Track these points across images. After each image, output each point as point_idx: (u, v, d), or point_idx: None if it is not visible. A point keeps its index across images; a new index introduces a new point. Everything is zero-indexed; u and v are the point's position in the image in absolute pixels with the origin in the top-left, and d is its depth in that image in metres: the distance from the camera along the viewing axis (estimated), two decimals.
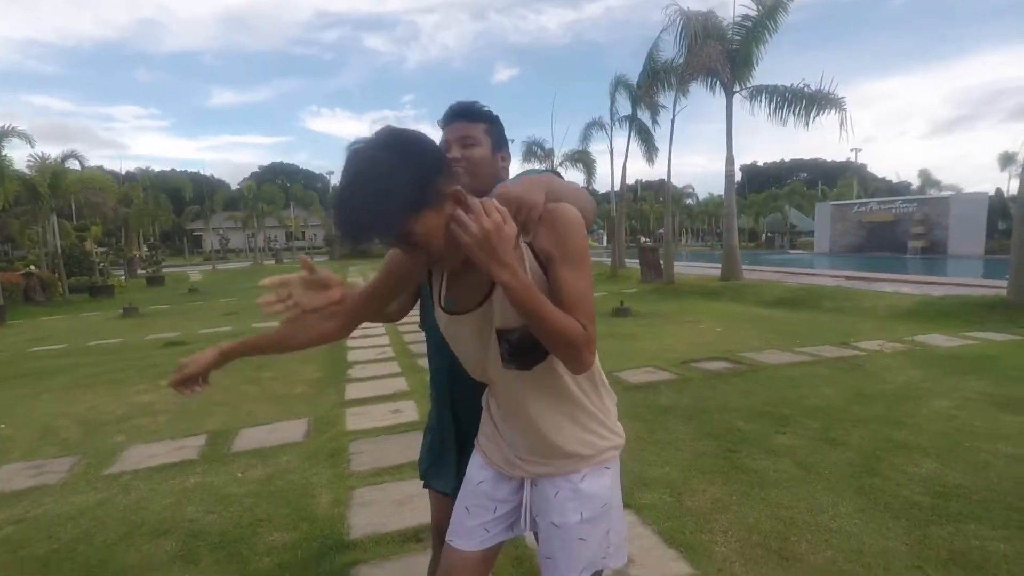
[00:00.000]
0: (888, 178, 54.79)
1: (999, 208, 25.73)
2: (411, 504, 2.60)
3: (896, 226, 24.83)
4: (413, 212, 0.89)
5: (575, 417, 1.10)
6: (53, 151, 18.96)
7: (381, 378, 5.08)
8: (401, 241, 0.93)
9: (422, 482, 1.52)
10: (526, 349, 1.01)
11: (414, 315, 1.54)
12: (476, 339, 1.07)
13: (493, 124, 1.37)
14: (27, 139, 15.39)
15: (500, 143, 1.38)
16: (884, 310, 8.15)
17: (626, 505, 2.46)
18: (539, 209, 0.99)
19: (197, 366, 1.23)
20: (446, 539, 1.22)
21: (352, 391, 4.68)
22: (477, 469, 1.22)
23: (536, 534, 1.18)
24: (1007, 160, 35.45)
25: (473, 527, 1.17)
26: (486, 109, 1.38)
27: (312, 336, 1.20)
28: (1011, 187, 33.21)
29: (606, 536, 1.13)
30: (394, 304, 1.34)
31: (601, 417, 1.14)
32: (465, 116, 1.36)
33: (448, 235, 0.93)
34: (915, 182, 44.75)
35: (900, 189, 46.44)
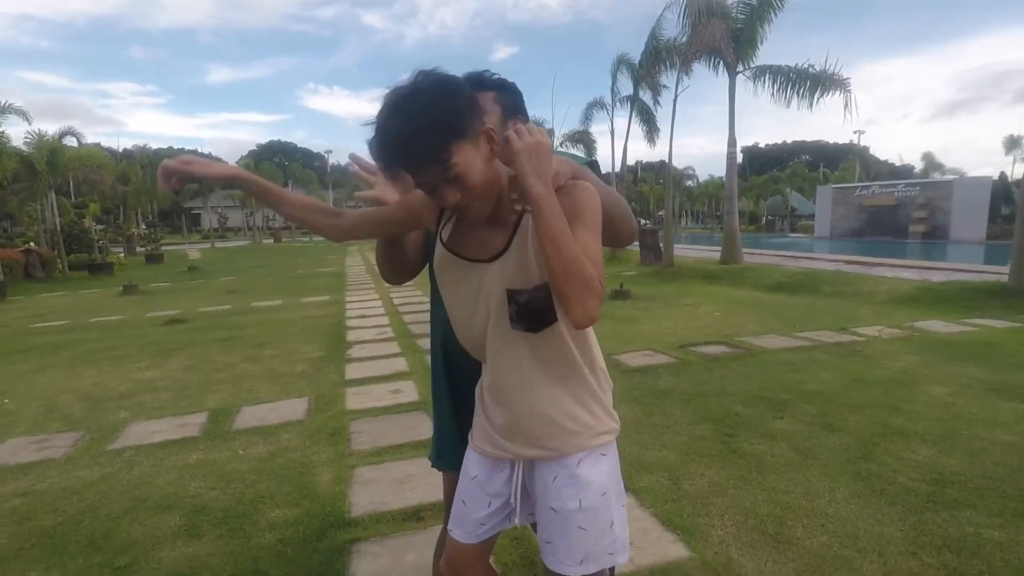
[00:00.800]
0: (891, 161, 54.52)
1: (1002, 192, 25.59)
2: (410, 483, 2.63)
3: (898, 210, 24.72)
4: (455, 140, 0.92)
5: (573, 390, 1.08)
6: (50, 128, 18.81)
7: (381, 358, 5.10)
8: (441, 171, 0.93)
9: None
10: (535, 310, 1.01)
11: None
12: (472, 296, 1.07)
13: (503, 91, 1.34)
14: (24, 116, 15.23)
15: (513, 110, 1.34)
16: (883, 295, 8.16)
17: (624, 488, 2.51)
18: (560, 178, 1.00)
19: (204, 170, 1.13)
20: (448, 528, 1.22)
21: (352, 371, 4.70)
22: (471, 464, 1.20)
23: (534, 525, 1.17)
24: (1012, 144, 35.17)
25: (470, 520, 1.17)
26: (496, 77, 1.35)
27: (310, 221, 1.16)
28: (1015, 171, 33.07)
29: (610, 529, 1.11)
30: (409, 254, 1.33)
31: (600, 395, 1.12)
32: (472, 85, 1.35)
33: (484, 173, 0.96)
34: (918, 165, 44.52)
35: (903, 172, 46.18)
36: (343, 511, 2.41)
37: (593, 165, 1.36)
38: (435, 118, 0.90)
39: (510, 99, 1.35)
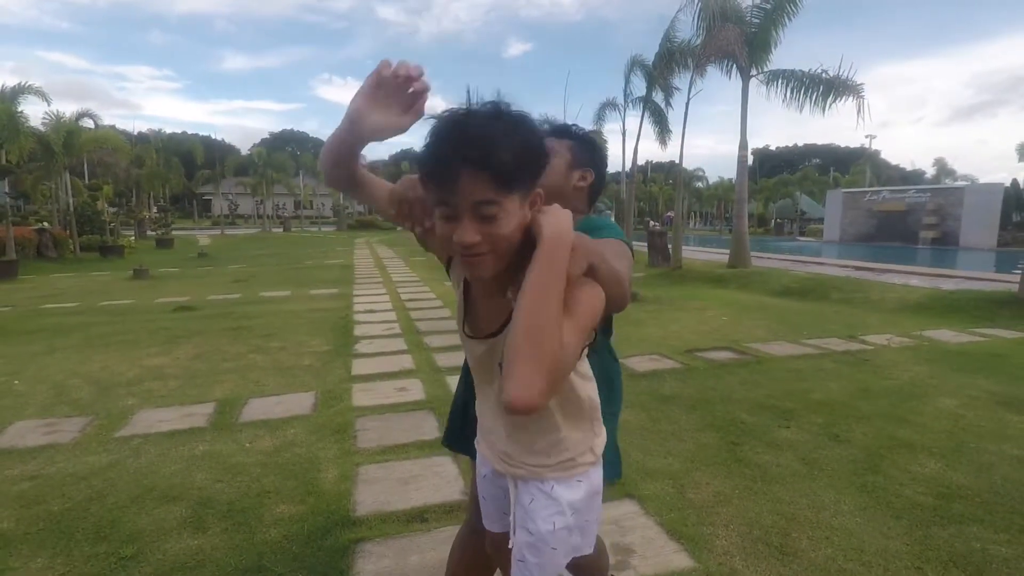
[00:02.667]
0: (902, 166, 54.10)
1: (1014, 199, 25.29)
2: (415, 484, 2.64)
3: (908, 216, 24.51)
4: (518, 182, 0.85)
5: (571, 422, 1.09)
6: (67, 108, 19.00)
7: (388, 354, 5.11)
8: (485, 197, 0.83)
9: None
10: None
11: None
12: (484, 361, 1.07)
13: (580, 143, 1.42)
14: (43, 96, 15.36)
15: (583, 161, 1.41)
16: (893, 303, 8.09)
17: (629, 494, 2.52)
18: (549, 243, 0.88)
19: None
20: (483, 525, 1.29)
21: (359, 366, 4.72)
22: (481, 462, 1.24)
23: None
24: None
25: (494, 513, 1.22)
26: (582, 132, 1.44)
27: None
28: None
29: (581, 539, 1.14)
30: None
31: (582, 442, 1.12)
32: (552, 133, 1.42)
33: (513, 231, 0.87)
34: (930, 170, 44.09)
35: (914, 177, 45.75)
36: (348, 510, 2.42)
37: (612, 228, 1.37)
38: (526, 147, 0.84)
39: (584, 152, 1.42)
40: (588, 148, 1.43)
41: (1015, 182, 27.42)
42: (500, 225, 0.85)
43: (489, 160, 0.81)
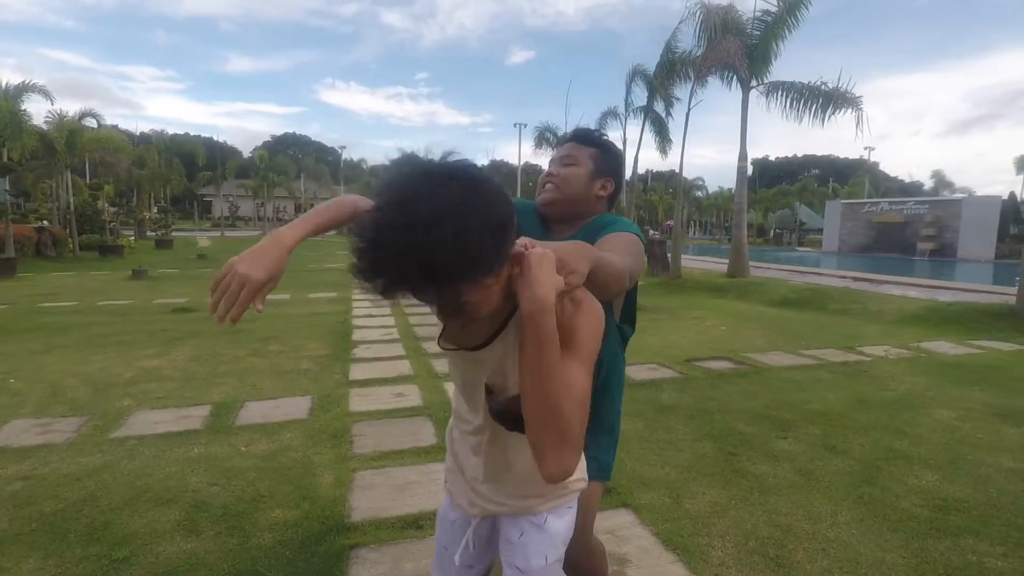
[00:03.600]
0: (900, 177, 54.37)
1: (1011, 212, 25.45)
2: (411, 490, 2.63)
3: (906, 227, 24.62)
4: (480, 275, 0.74)
5: None
6: (69, 107, 19.13)
7: (386, 360, 5.10)
8: (449, 299, 0.77)
9: None
10: (510, 419, 0.96)
11: None
12: (469, 374, 1.04)
13: (603, 151, 1.42)
14: (46, 95, 15.39)
15: (605, 171, 1.42)
16: (891, 314, 8.10)
17: (625, 504, 2.51)
18: (578, 278, 0.86)
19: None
20: (432, 572, 1.23)
21: (356, 371, 4.71)
22: (447, 509, 1.20)
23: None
24: (1023, 164, 34.90)
25: (453, 564, 1.15)
26: (603, 138, 1.45)
27: None
28: None
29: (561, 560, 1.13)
30: None
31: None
32: (577, 139, 1.44)
33: (498, 296, 0.81)
34: (928, 182, 44.31)
35: (912, 189, 45.95)
36: (343, 515, 2.41)
37: (620, 223, 1.38)
38: (482, 239, 0.71)
39: (606, 161, 1.42)
40: (610, 156, 1.44)
41: (1012, 195, 27.64)
42: (478, 310, 0.81)
43: (427, 283, 0.71)
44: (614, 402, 1.45)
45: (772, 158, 73.56)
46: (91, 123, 18.45)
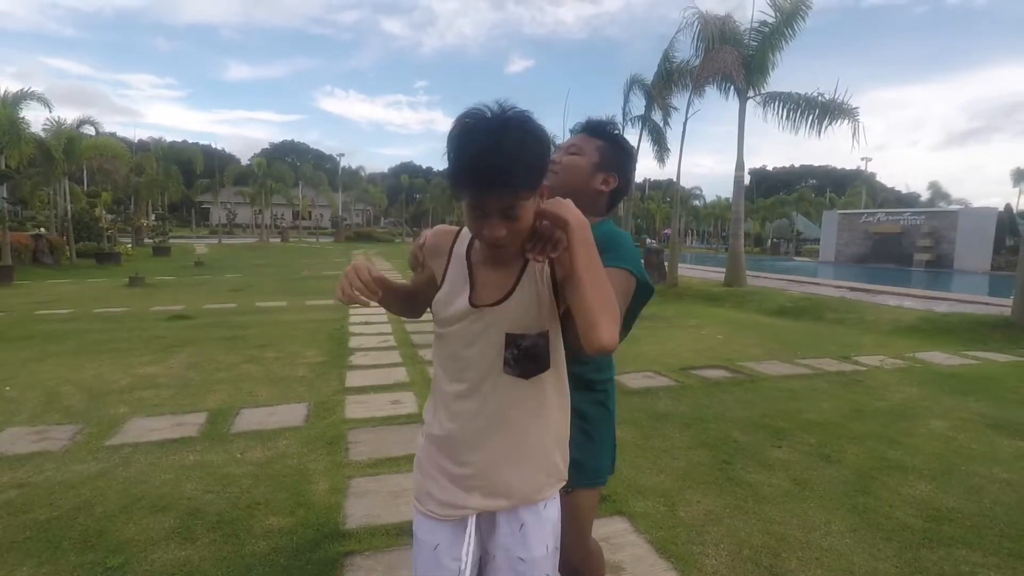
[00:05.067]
0: (897, 188, 54.65)
1: (1008, 224, 25.54)
2: (406, 497, 2.63)
3: (903, 238, 24.73)
4: (534, 187, 0.97)
5: (553, 434, 1.11)
6: (68, 114, 19.27)
7: (382, 367, 5.10)
8: (509, 205, 0.96)
9: None
10: (535, 355, 1.03)
11: None
12: (479, 339, 1.06)
13: (611, 144, 1.39)
14: (44, 103, 15.43)
15: (609, 164, 1.39)
16: (887, 324, 8.14)
17: (620, 512, 2.51)
18: (579, 232, 0.97)
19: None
20: None
21: (353, 378, 4.71)
22: (427, 533, 1.12)
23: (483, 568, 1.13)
24: (1020, 176, 35.19)
25: None
26: (613, 131, 1.42)
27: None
28: (1022, 203, 33.00)
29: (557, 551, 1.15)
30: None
31: (567, 440, 1.16)
32: (587, 129, 1.42)
33: (530, 221, 0.99)
34: (924, 193, 44.59)
35: (909, 200, 46.21)
36: (338, 522, 2.41)
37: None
38: (540, 160, 0.97)
39: (613, 156, 1.39)
40: (618, 151, 1.41)
41: (1008, 207, 27.78)
42: (522, 222, 0.98)
43: (514, 179, 0.94)
44: (611, 412, 1.45)
45: (770, 168, 74.08)
46: (89, 131, 18.50)
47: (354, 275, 1.03)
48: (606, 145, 1.39)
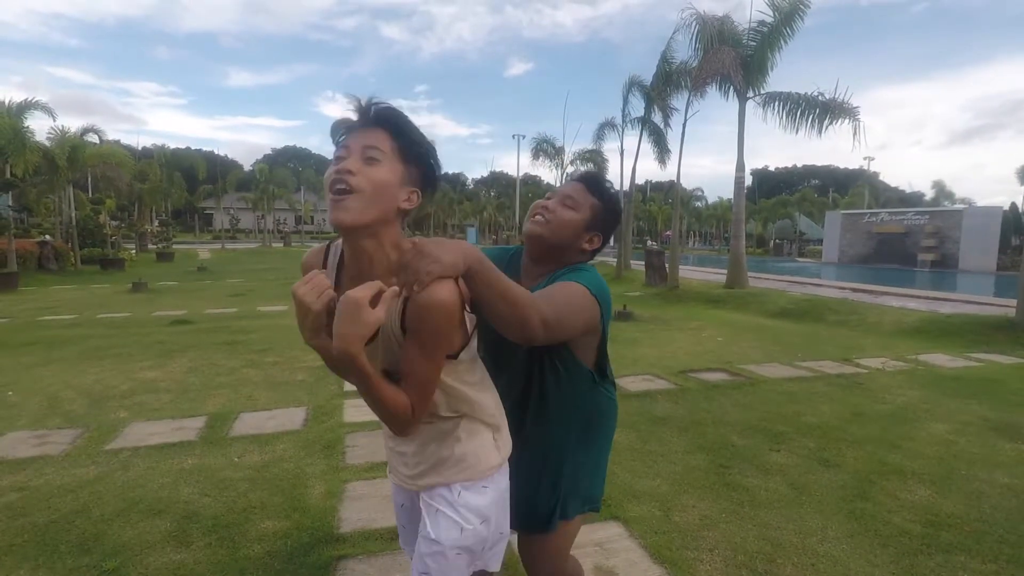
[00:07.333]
0: (901, 188, 54.41)
1: (1013, 223, 25.37)
2: None
3: (906, 238, 24.62)
4: (394, 136, 1.02)
5: (461, 428, 1.14)
6: (72, 123, 19.33)
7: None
8: (371, 144, 1.00)
9: None
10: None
11: None
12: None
13: (606, 207, 1.39)
14: (48, 112, 15.57)
15: (600, 225, 1.39)
16: (889, 326, 8.09)
17: (614, 516, 2.51)
18: (427, 277, 0.93)
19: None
20: (401, 546, 1.34)
21: None
22: (395, 493, 1.30)
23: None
24: None
25: (411, 538, 1.24)
26: (611, 192, 1.42)
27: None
28: None
29: (485, 550, 1.16)
30: None
31: (484, 434, 1.17)
32: (587, 183, 1.41)
33: (381, 187, 0.99)
34: (928, 193, 44.36)
35: (912, 199, 46.01)
36: (332, 526, 2.41)
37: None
38: (403, 122, 1.03)
39: (605, 219, 1.40)
40: (610, 214, 1.40)
41: (1014, 205, 27.56)
42: (376, 170, 0.98)
43: (386, 119, 1.01)
44: (602, 441, 1.47)
45: (772, 168, 73.97)
46: (93, 139, 18.61)
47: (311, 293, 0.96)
48: (601, 206, 1.38)
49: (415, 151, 1.03)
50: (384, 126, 1.01)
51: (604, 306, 1.29)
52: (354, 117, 1.02)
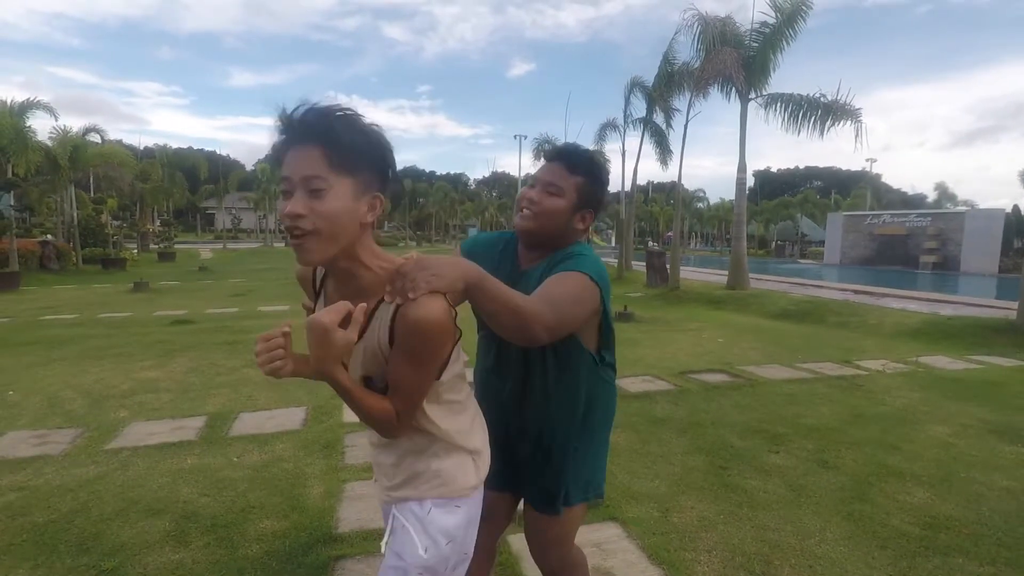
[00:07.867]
0: (903, 190, 54.38)
1: (1015, 225, 25.33)
2: None
3: (908, 240, 24.59)
4: (336, 164, 0.92)
5: (436, 446, 1.12)
6: (74, 123, 19.37)
7: None
8: (313, 175, 0.92)
9: None
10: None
11: None
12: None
13: (590, 181, 1.35)
14: (50, 111, 15.61)
15: (588, 202, 1.36)
16: (890, 328, 8.08)
17: (612, 517, 2.51)
18: (425, 285, 0.93)
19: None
20: None
21: None
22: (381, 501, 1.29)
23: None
24: None
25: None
26: (592, 163, 1.37)
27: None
28: None
29: (447, 570, 1.13)
30: None
31: (459, 457, 1.14)
32: (565, 163, 1.35)
33: (341, 214, 0.93)
34: (931, 195, 44.33)
35: (915, 201, 45.96)
36: (330, 526, 2.42)
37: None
38: (341, 128, 0.93)
39: (592, 192, 1.36)
40: (596, 185, 1.37)
41: (1016, 208, 27.52)
42: (326, 203, 0.91)
43: (322, 135, 0.91)
44: (601, 427, 1.47)
45: (774, 169, 73.93)
46: (95, 138, 18.67)
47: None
48: (585, 181, 1.34)
49: (357, 160, 0.93)
50: (316, 141, 0.91)
51: (604, 289, 1.29)
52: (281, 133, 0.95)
